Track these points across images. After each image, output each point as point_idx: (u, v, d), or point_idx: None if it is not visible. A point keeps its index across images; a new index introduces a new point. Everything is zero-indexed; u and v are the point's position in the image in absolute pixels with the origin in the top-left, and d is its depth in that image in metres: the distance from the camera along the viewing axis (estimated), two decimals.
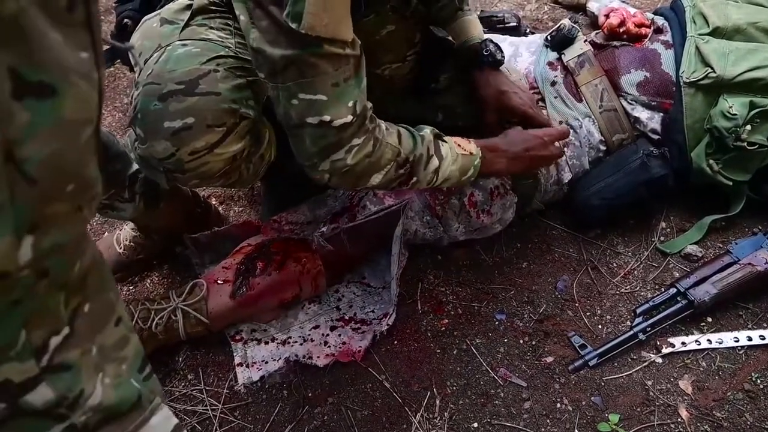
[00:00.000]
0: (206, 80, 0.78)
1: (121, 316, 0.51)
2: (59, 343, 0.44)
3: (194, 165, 0.80)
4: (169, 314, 1.06)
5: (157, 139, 0.78)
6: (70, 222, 0.42)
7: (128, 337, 0.51)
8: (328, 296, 1.19)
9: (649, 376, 1.04)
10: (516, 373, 1.06)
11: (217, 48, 0.82)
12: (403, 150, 0.88)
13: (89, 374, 0.47)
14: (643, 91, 1.23)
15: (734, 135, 1.12)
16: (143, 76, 0.81)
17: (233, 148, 0.82)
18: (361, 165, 0.83)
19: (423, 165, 0.91)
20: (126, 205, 1.04)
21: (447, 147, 0.96)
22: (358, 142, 0.80)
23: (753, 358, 1.06)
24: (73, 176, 0.41)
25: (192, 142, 0.78)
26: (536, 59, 1.33)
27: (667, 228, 1.28)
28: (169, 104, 0.77)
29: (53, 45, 0.36)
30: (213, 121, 0.78)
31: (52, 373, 0.44)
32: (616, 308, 1.15)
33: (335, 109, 0.76)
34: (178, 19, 0.86)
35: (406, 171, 0.90)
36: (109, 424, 0.49)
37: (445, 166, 0.95)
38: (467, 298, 1.18)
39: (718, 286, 1.09)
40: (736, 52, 1.14)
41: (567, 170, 1.24)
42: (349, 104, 0.77)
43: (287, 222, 1.22)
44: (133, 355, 0.52)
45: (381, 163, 0.85)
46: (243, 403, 1.04)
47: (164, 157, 0.79)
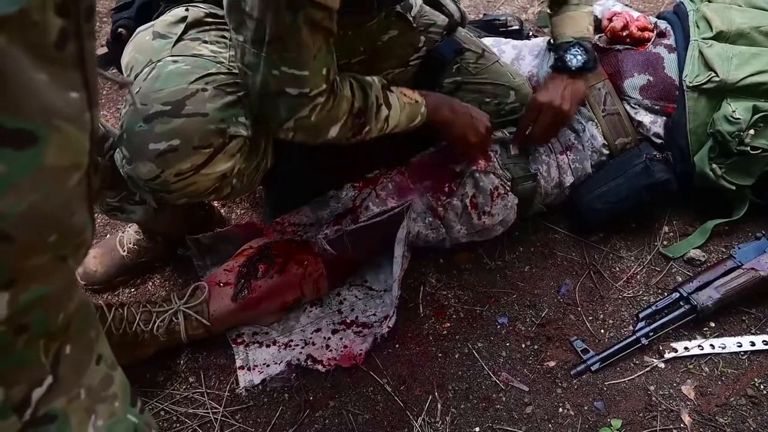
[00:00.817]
0: (193, 100, 0.78)
1: (101, 354, 0.49)
2: (42, 394, 0.42)
3: (180, 186, 0.80)
4: (170, 317, 1.06)
5: (141, 161, 0.78)
6: (53, 273, 0.39)
7: (111, 374, 0.50)
8: (330, 299, 1.19)
9: (652, 381, 1.04)
10: (518, 378, 1.05)
11: (207, 64, 0.81)
12: (356, 100, 0.90)
13: (79, 420, 0.45)
14: (646, 95, 1.23)
15: (737, 139, 1.12)
16: (132, 93, 0.81)
17: (221, 167, 0.81)
18: (321, 119, 0.85)
19: (374, 113, 0.93)
20: (136, 207, 1.04)
21: (394, 96, 0.97)
22: (321, 101, 0.83)
23: (756, 364, 1.05)
24: (56, 226, 0.38)
25: (177, 164, 0.78)
26: (539, 62, 1.32)
27: (670, 232, 1.28)
28: (155, 126, 0.76)
29: (36, 87, 0.33)
30: (199, 143, 0.78)
31: (36, 426, 0.42)
32: (619, 312, 1.15)
33: (314, 80, 0.79)
34: (171, 32, 0.85)
35: (360, 120, 0.92)
36: None
37: (394, 113, 0.97)
38: (469, 301, 1.17)
39: (721, 290, 1.08)
40: (739, 57, 1.14)
41: (569, 173, 1.24)
42: (323, 72, 0.80)
43: (290, 224, 1.22)
44: (122, 391, 0.51)
45: (339, 114, 0.87)
46: (244, 406, 1.04)
47: (149, 179, 0.79)
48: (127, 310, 1.05)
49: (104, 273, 1.19)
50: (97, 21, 0.45)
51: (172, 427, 1.01)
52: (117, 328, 1.02)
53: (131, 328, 1.03)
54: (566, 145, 1.23)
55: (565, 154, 1.23)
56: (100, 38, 1.84)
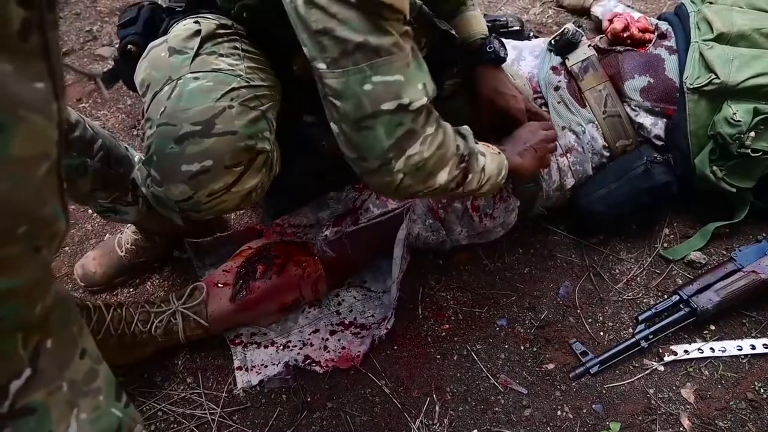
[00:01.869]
0: (222, 119, 0.77)
1: (85, 348, 0.49)
2: (21, 386, 0.42)
3: (211, 205, 0.80)
4: (168, 317, 1.06)
5: (174, 182, 0.77)
6: (25, 265, 0.39)
7: (96, 368, 0.50)
8: (328, 300, 1.19)
9: (651, 384, 1.03)
10: (516, 380, 1.05)
11: (229, 79, 0.80)
12: (460, 143, 0.86)
13: (60, 413, 0.45)
14: (647, 96, 1.22)
15: (738, 142, 1.11)
16: (155, 112, 0.79)
17: (250, 184, 0.81)
18: (434, 158, 0.80)
19: (475, 160, 0.89)
20: (129, 208, 1.04)
21: (481, 145, 0.95)
22: (431, 131, 0.78)
23: (756, 367, 1.05)
24: (26, 216, 0.38)
25: (210, 185, 0.77)
26: (540, 63, 1.32)
27: (671, 234, 1.27)
28: (186, 147, 0.76)
29: (0, 79, 0.33)
30: (231, 162, 0.77)
31: (15, 418, 0.42)
32: (619, 315, 1.14)
33: (412, 89, 0.73)
34: (186, 47, 0.84)
35: (463, 167, 0.87)
36: None
37: (488, 163, 0.93)
38: (468, 303, 1.17)
39: (722, 293, 1.08)
40: (740, 59, 1.13)
41: (570, 176, 1.23)
42: (420, 86, 0.75)
43: (290, 225, 1.22)
44: (106, 385, 0.51)
45: (447, 155, 0.83)
46: (242, 407, 1.03)
47: (182, 200, 0.79)
48: (126, 311, 1.05)
49: (103, 274, 1.19)
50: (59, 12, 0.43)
51: (170, 427, 1.01)
52: (115, 329, 1.02)
53: (129, 328, 1.03)
54: (566, 148, 1.23)
55: (565, 157, 1.22)
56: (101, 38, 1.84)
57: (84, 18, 1.92)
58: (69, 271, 1.25)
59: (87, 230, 1.34)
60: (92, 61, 1.77)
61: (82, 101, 1.65)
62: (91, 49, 1.81)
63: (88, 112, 1.61)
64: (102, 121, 1.59)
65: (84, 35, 1.86)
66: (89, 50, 1.81)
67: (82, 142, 0.94)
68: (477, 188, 0.93)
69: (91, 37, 1.85)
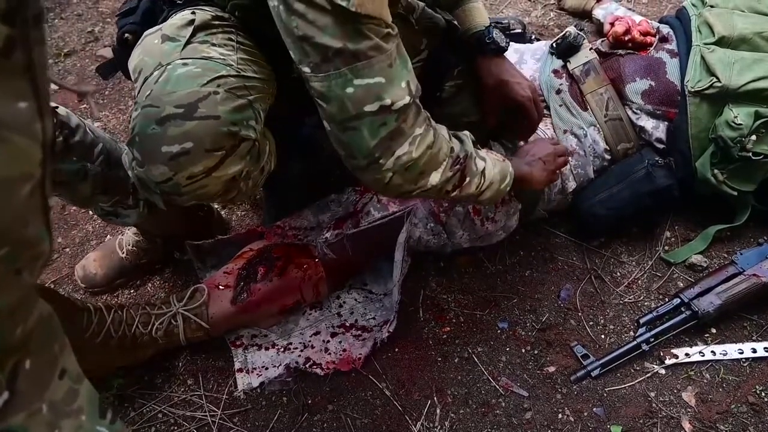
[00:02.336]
0: (206, 103, 0.77)
1: (65, 368, 0.48)
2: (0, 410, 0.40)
3: (192, 188, 0.79)
4: (169, 319, 1.06)
5: (154, 164, 0.77)
6: (5, 288, 0.38)
7: (76, 388, 0.49)
8: (329, 302, 1.19)
9: (652, 388, 1.03)
10: (517, 383, 1.05)
11: (218, 67, 0.81)
12: (454, 145, 0.87)
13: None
14: (648, 100, 1.22)
15: (739, 145, 1.11)
16: (142, 95, 0.80)
17: (232, 170, 0.81)
18: (424, 158, 0.81)
19: (473, 163, 0.90)
20: (130, 211, 1.04)
21: (484, 151, 0.95)
22: (420, 132, 0.79)
23: (758, 371, 1.05)
24: (7, 238, 0.37)
25: (190, 167, 0.77)
26: (541, 66, 1.32)
27: (672, 237, 1.27)
28: (167, 128, 0.76)
29: None
30: (211, 146, 0.77)
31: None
32: (620, 318, 1.14)
33: (393, 90, 0.75)
34: (179, 35, 0.84)
35: (459, 169, 0.88)
36: None
37: (489, 167, 0.93)
38: (469, 305, 1.17)
39: (723, 297, 1.08)
40: (741, 62, 1.13)
41: (571, 179, 1.23)
42: (402, 84, 0.76)
43: (291, 227, 1.22)
44: (88, 404, 0.50)
45: (440, 156, 0.83)
46: (242, 409, 1.03)
47: (161, 181, 0.79)
48: (126, 313, 1.04)
49: (104, 275, 1.19)
50: (47, 27, 0.42)
51: (170, 429, 1.01)
52: (116, 330, 1.02)
53: (130, 330, 1.03)
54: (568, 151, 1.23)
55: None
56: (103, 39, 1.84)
57: (86, 19, 1.92)
58: (69, 273, 1.24)
59: (88, 231, 1.34)
60: (94, 62, 1.77)
61: (84, 102, 1.65)
62: (92, 50, 1.82)
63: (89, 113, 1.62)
64: (103, 122, 1.59)
65: (86, 36, 1.86)
66: (91, 51, 1.81)
67: (83, 146, 0.94)
68: (477, 193, 0.93)
69: (92, 38, 1.85)
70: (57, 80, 0.39)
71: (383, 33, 0.73)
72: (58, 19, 1.92)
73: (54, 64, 1.77)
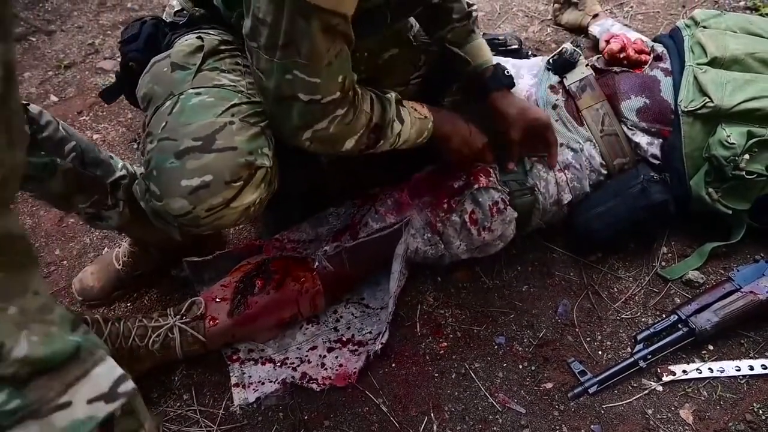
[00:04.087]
0: (222, 134, 0.78)
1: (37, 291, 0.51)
2: None
3: (210, 220, 0.80)
4: (166, 332, 1.05)
5: (173, 197, 0.78)
6: None
7: (51, 306, 0.52)
8: (326, 317, 1.18)
9: (650, 405, 1.03)
10: (515, 399, 1.05)
11: (230, 95, 0.82)
12: (374, 116, 0.91)
13: (8, 330, 0.47)
14: (643, 117, 1.23)
15: (733, 164, 1.12)
16: (156, 127, 0.80)
17: (248, 199, 0.82)
18: (340, 132, 0.86)
19: (389, 129, 0.94)
20: (111, 212, 1.03)
21: (406, 111, 0.99)
22: (341, 112, 0.83)
23: (755, 388, 1.04)
24: None
25: (210, 200, 0.78)
26: (538, 82, 1.33)
27: (669, 253, 1.27)
28: (186, 162, 0.77)
29: None
30: (230, 177, 0.78)
31: None
32: (617, 334, 1.14)
33: (326, 87, 0.79)
34: (189, 63, 0.85)
35: (375, 135, 0.93)
36: (43, 377, 0.49)
37: (405, 129, 0.98)
38: (467, 321, 1.17)
39: (720, 314, 1.08)
40: (733, 83, 1.15)
41: (567, 191, 1.24)
42: (338, 79, 0.80)
43: (289, 240, 1.22)
44: (60, 320, 0.52)
45: (356, 128, 0.88)
46: (238, 425, 1.03)
47: (180, 214, 0.79)
48: (123, 325, 1.04)
49: (101, 288, 1.19)
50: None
51: None
52: (112, 343, 1.02)
53: (127, 342, 1.03)
54: (564, 164, 1.24)
55: (563, 173, 1.23)
56: (103, 51, 1.85)
57: (86, 31, 1.93)
58: (66, 286, 1.24)
59: (85, 244, 1.34)
60: (94, 74, 1.78)
61: (83, 114, 1.66)
62: (92, 62, 1.83)
63: (89, 125, 1.62)
64: (102, 134, 1.60)
65: (86, 48, 1.87)
66: (91, 63, 1.82)
67: (51, 141, 0.94)
68: (390, 148, 0.99)
69: (93, 50, 1.87)
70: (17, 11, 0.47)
71: (330, 27, 0.75)
72: (59, 31, 1.93)
73: (54, 75, 1.78)
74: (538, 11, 1.95)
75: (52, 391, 0.49)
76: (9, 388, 0.47)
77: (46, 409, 0.49)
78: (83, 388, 0.52)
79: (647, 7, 1.92)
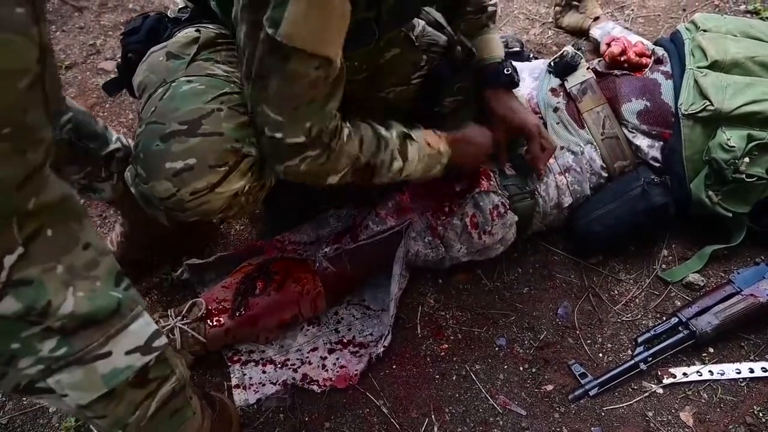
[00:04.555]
0: (209, 120, 0.78)
1: (89, 242, 0.56)
2: (14, 262, 0.51)
3: (195, 204, 0.80)
4: (167, 333, 1.05)
5: (158, 179, 0.78)
6: (10, 161, 0.48)
7: (98, 259, 0.57)
8: (327, 318, 1.18)
9: (650, 407, 1.03)
10: (515, 401, 1.05)
11: (221, 84, 0.82)
12: (363, 156, 0.89)
13: (56, 288, 0.54)
14: (644, 120, 1.24)
15: (733, 167, 1.13)
16: (147, 112, 0.81)
17: (235, 186, 0.82)
18: (314, 170, 0.84)
19: (386, 168, 0.93)
20: (104, 184, 1.04)
21: (415, 148, 0.97)
22: (313, 154, 0.82)
23: (755, 391, 1.05)
24: (8, 120, 0.46)
25: (193, 183, 0.78)
26: (539, 85, 1.34)
27: (669, 255, 1.28)
28: (171, 145, 0.77)
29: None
30: (215, 162, 0.78)
31: (13, 287, 0.51)
32: (617, 336, 1.14)
33: (290, 129, 0.78)
34: (184, 53, 0.86)
35: (367, 173, 0.92)
36: (87, 329, 0.57)
37: (409, 166, 0.96)
38: (467, 322, 1.17)
39: (720, 316, 1.08)
40: (734, 86, 1.15)
41: (568, 194, 1.24)
42: (306, 125, 0.78)
43: (290, 242, 1.22)
44: (106, 273, 0.57)
45: (337, 167, 0.87)
46: None
47: (165, 197, 0.79)
48: None
49: None
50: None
51: None
52: None
53: None
54: (565, 167, 1.24)
55: (563, 176, 1.24)
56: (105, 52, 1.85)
57: (88, 32, 1.94)
58: None
59: None
60: (95, 74, 1.78)
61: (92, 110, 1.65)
62: (94, 62, 1.83)
63: None
64: None
65: (87, 49, 1.87)
66: (92, 64, 1.82)
67: None
68: (392, 181, 0.97)
69: (94, 50, 1.87)
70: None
71: (314, 69, 0.73)
72: (60, 31, 1.93)
73: None
74: (539, 14, 1.95)
75: (95, 342, 0.57)
76: (58, 337, 0.55)
77: (90, 357, 0.58)
78: (122, 340, 0.60)
79: (648, 11, 1.92)
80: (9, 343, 0.54)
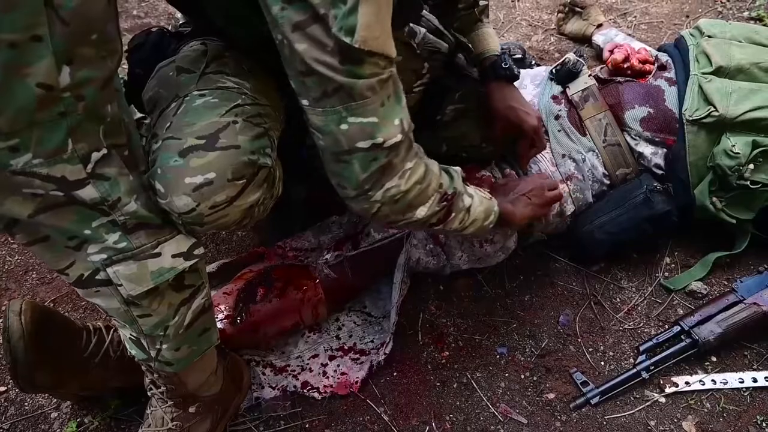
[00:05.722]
0: (226, 133, 0.78)
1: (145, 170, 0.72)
2: (99, 158, 0.62)
3: (214, 218, 0.80)
4: None
5: (177, 195, 0.78)
6: (97, 64, 0.58)
7: None
8: (328, 325, 1.19)
9: (652, 416, 1.02)
10: (516, 409, 1.04)
11: (234, 96, 0.82)
12: (443, 180, 0.88)
13: (126, 189, 0.67)
14: (647, 126, 1.23)
15: (737, 173, 1.12)
16: (161, 128, 0.81)
17: (251, 198, 0.82)
18: (413, 192, 0.82)
19: (460, 200, 0.91)
20: None
21: (471, 188, 0.96)
22: (410, 166, 0.81)
23: (758, 400, 1.04)
24: (95, 27, 0.56)
25: (213, 197, 0.78)
26: (540, 92, 1.34)
27: (672, 263, 1.27)
28: (190, 160, 0.77)
29: None
30: (233, 175, 0.78)
31: (95, 179, 0.63)
32: (619, 345, 1.14)
33: (386, 129, 0.76)
34: (193, 67, 0.86)
35: (446, 205, 0.89)
36: (143, 229, 0.70)
37: (474, 205, 0.94)
38: (468, 330, 1.17)
39: (723, 325, 1.07)
40: (738, 92, 1.15)
41: (570, 202, 1.24)
42: (396, 122, 0.77)
43: (291, 248, 1.22)
44: None
45: (429, 191, 0.85)
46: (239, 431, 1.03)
47: (185, 212, 0.79)
48: None
49: None
50: None
51: None
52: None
53: None
54: (567, 175, 1.24)
55: (565, 184, 1.23)
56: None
57: None
58: (69, 292, 1.25)
59: None
60: None
61: None
62: None
63: None
64: None
65: None
66: None
67: None
68: (460, 228, 0.94)
69: None
70: None
71: (382, 68, 0.73)
72: None
73: None
74: (541, 20, 1.96)
75: (148, 243, 0.70)
76: (120, 232, 0.68)
77: (142, 255, 0.70)
78: (170, 245, 0.73)
79: (651, 17, 1.92)
80: (83, 229, 0.65)
